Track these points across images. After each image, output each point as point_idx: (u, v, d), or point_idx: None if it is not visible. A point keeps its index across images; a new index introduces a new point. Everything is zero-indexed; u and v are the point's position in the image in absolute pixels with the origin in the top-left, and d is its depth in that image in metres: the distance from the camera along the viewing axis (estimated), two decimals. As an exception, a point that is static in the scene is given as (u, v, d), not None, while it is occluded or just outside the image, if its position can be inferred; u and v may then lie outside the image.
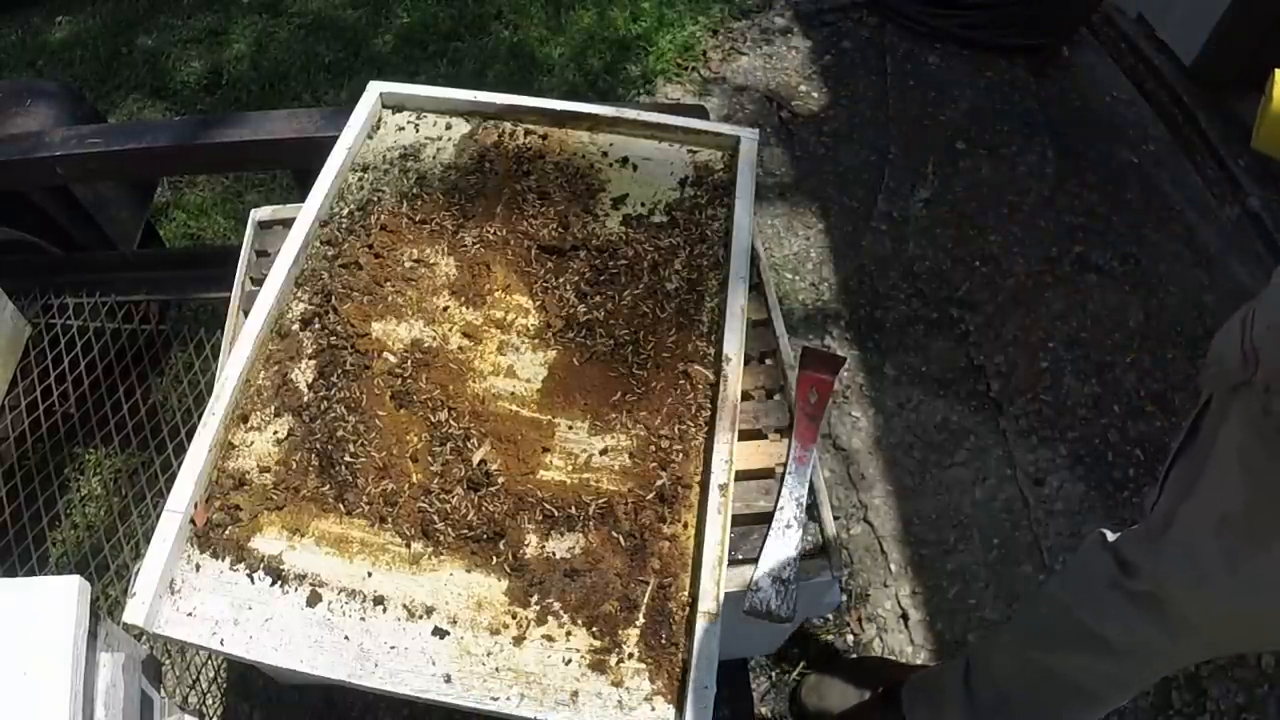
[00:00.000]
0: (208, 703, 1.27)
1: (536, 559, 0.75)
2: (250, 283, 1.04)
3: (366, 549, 0.76)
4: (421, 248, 0.94)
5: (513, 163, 1.02)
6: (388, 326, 0.88)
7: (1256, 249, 1.93)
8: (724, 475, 0.79)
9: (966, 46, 2.34)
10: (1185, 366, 1.77)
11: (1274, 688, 1.40)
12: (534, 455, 0.81)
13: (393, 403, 0.83)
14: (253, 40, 2.51)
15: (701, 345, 0.88)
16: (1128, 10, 2.35)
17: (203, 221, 2.09)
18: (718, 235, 0.96)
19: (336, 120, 1.06)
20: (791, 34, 2.45)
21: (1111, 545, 0.89)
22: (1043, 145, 2.15)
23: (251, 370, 0.85)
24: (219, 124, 1.24)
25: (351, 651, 0.71)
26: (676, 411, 0.84)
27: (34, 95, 1.47)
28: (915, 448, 1.69)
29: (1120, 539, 0.89)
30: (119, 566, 1.17)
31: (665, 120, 1.03)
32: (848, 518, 1.60)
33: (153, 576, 0.72)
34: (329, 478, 0.79)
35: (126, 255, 1.49)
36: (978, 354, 1.80)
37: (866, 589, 1.53)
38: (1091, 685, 0.97)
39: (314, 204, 0.94)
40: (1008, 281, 1.91)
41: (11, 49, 2.51)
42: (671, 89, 2.33)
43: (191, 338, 1.36)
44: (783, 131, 2.22)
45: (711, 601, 0.72)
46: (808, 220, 2.04)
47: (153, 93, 2.39)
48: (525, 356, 0.87)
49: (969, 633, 1.48)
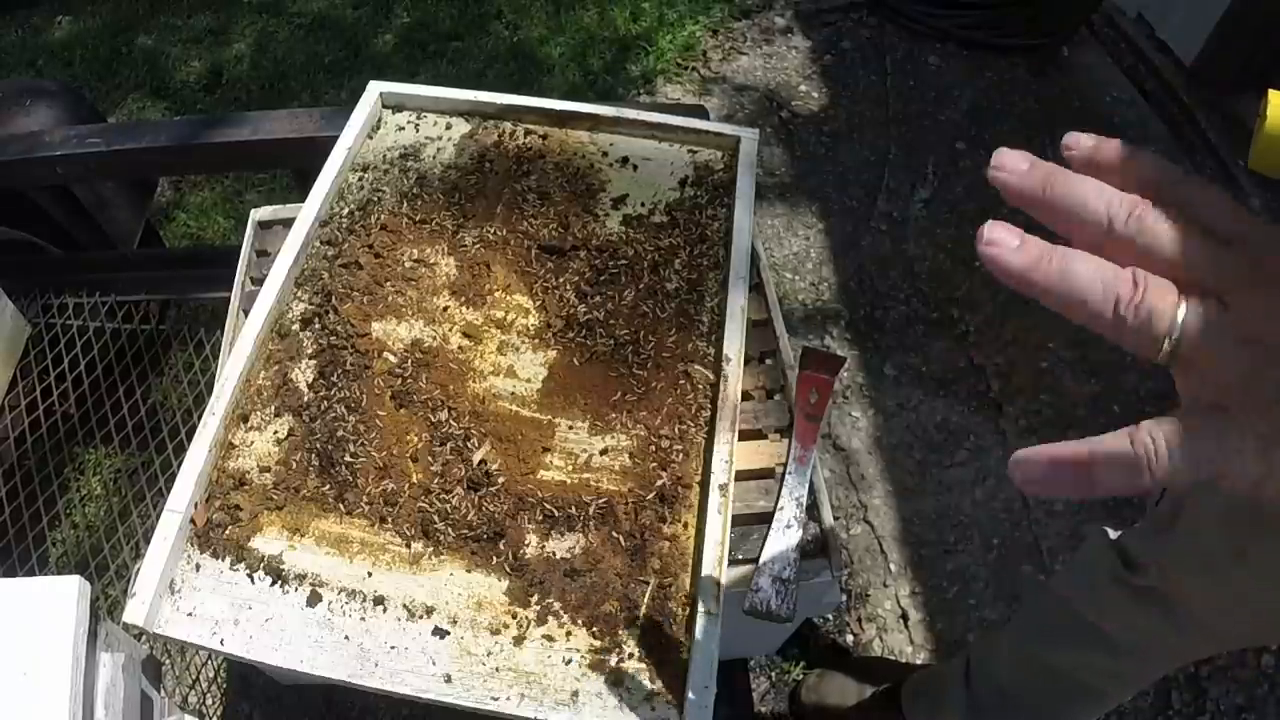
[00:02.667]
0: (208, 703, 1.27)
1: (536, 559, 0.75)
2: (250, 283, 1.04)
3: (366, 549, 0.76)
4: (421, 247, 0.94)
5: (513, 163, 1.02)
6: (388, 326, 0.88)
7: (1256, 249, 1.93)
8: (724, 475, 0.79)
9: (966, 46, 2.34)
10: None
11: (1274, 688, 1.40)
12: (534, 455, 0.81)
13: (393, 403, 0.83)
14: (253, 40, 2.51)
15: (702, 345, 0.88)
16: (1128, 10, 2.35)
17: (203, 221, 2.09)
18: (718, 235, 0.96)
19: (336, 120, 1.06)
20: (791, 34, 2.45)
21: (1114, 542, 0.89)
22: (1043, 145, 2.15)
23: (251, 370, 0.85)
24: (219, 124, 1.24)
25: (351, 651, 0.71)
26: (677, 411, 0.84)
27: (34, 95, 1.47)
28: (915, 448, 1.69)
29: (1124, 535, 0.89)
30: (119, 566, 1.17)
31: (665, 120, 1.03)
32: (848, 518, 1.60)
33: (153, 576, 0.72)
34: (329, 478, 0.79)
35: (126, 255, 1.49)
36: (978, 354, 1.80)
37: (866, 589, 1.53)
38: (1093, 682, 0.97)
39: (314, 204, 0.94)
40: (1008, 281, 1.91)
41: (11, 49, 2.51)
42: (671, 89, 2.33)
43: (191, 338, 1.36)
44: (783, 131, 2.22)
45: (711, 601, 0.72)
46: (808, 220, 2.04)
47: (153, 93, 2.39)
48: (525, 356, 0.87)
49: (969, 633, 1.48)
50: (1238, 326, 0.32)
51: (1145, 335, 0.32)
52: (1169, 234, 0.33)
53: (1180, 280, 0.33)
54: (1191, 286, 0.33)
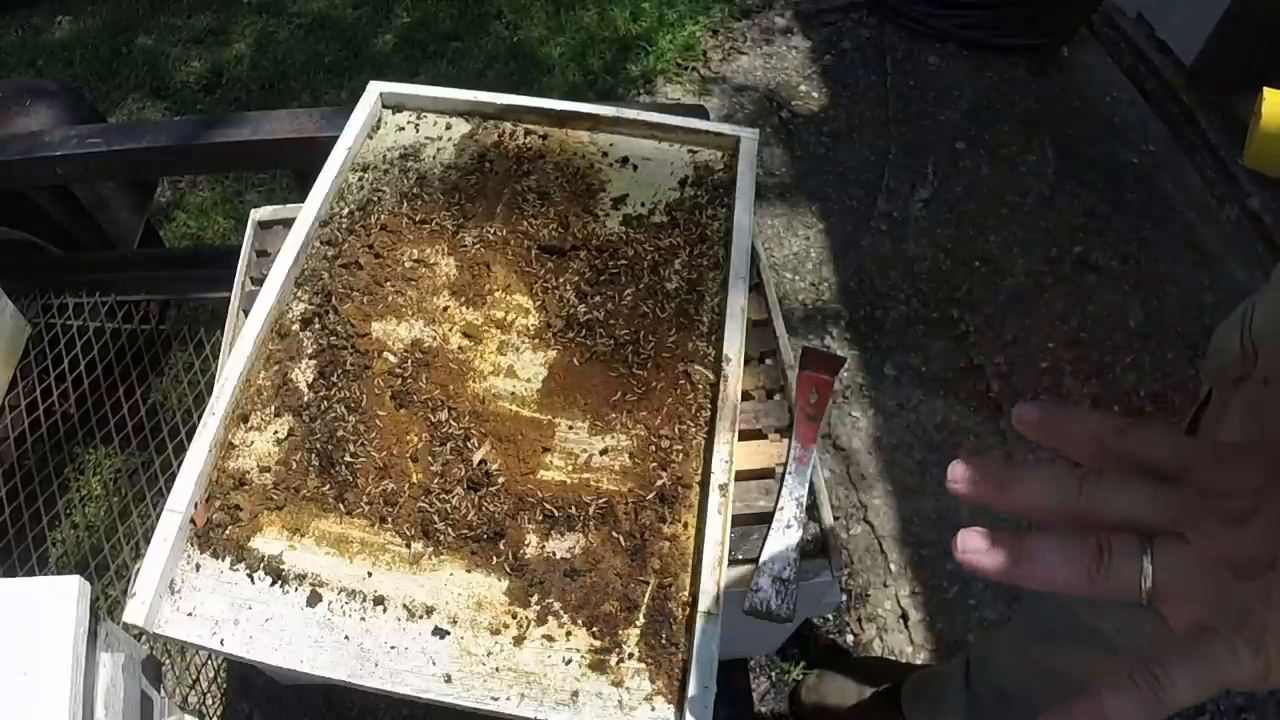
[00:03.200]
0: (208, 703, 1.27)
1: (536, 559, 0.75)
2: (250, 283, 1.04)
3: (366, 549, 0.76)
4: (421, 248, 0.94)
5: (513, 163, 1.01)
6: (388, 326, 0.88)
7: (1256, 249, 1.94)
8: (724, 475, 0.79)
9: (966, 46, 2.34)
10: (1185, 366, 1.77)
11: (1274, 689, 1.40)
12: (534, 455, 0.81)
13: (393, 403, 0.83)
14: (253, 40, 2.51)
15: (702, 345, 0.88)
16: (1128, 10, 2.35)
17: (203, 221, 2.09)
18: (718, 235, 0.96)
19: (336, 120, 1.06)
20: (791, 34, 2.45)
21: None
22: (1043, 145, 2.15)
23: (251, 370, 0.85)
24: (219, 124, 1.24)
25: (351, 651, 0.71)
26: (676, 411, 0.84)
27: (34, 95, 1.47)
28: (915, 448, 1.69)
29: None
30: (119, 566, 1.17)
31: (665, 120, 1.03)
32: (848, 518, 1.60)
33: (153, 576, 0.72)
34: (329, 478, 0.79)
35: (126, 255, 1.49)
36: (978, 354, 1.80)
37: (866, 589, 1.53)
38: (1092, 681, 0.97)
39: (314, 204, 0.94)
40: (1008, 281, 1.91)
41: (11, 49, 2.52)
42: (671, 89, 2.33)
43: (191, 338, 1.36)
44: (783, 131, 2.22)
45: (711, 601, 0.72)
46: (808, 220, 2.04)
47: (153, 93, 2.39)
48: (525, 356, 0.87)
49: (969, 633, 1.48)
50: (1198, 557, 0.36)
51: (1121, 589, 0.36)
52: (1119, 495, 0.37)
53: (1141, 526, 0.37)
54: (1152, 527, 0.37)
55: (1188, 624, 0.37)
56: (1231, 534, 0.35)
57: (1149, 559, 0.36)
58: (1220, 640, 0.35)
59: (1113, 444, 0.38)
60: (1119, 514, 0.37)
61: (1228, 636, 0.35)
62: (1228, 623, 0.35)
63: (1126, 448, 0.38)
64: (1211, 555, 0.35)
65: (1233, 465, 0.37)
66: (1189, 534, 0.36)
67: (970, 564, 0.37)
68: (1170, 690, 0.35)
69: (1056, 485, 0.38)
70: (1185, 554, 0.36)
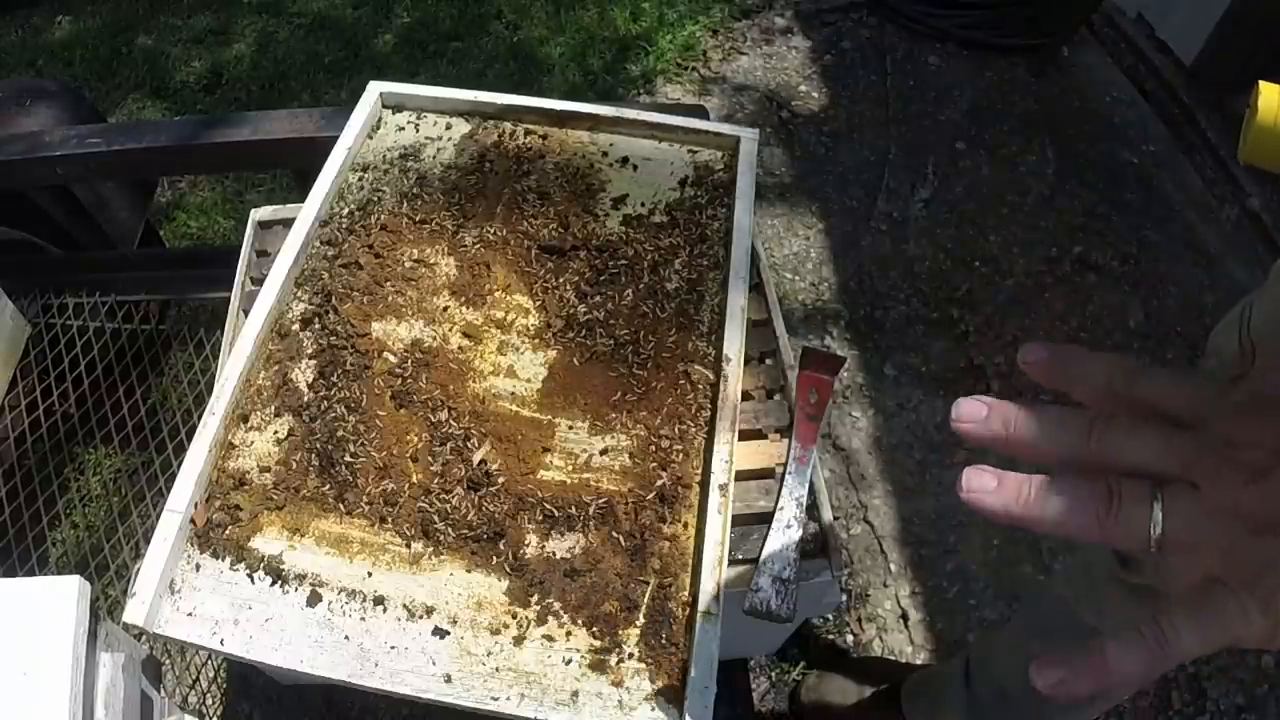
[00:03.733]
0: (208, 703, 1.27)
1: (536, 559, 0.75)
2: (250, 283, 1.04)
3: (366, 549, 0.76)
4: (421, 248, 0.94)
5: (513, 163, 1.02)
6: (388, 326, 0.88)
7: (1256, 249, 1.94)
8: (724, 475, 0.79)
9: (966, 46, 2.35)
10: (1185, 366, 1.77)
11: (1274, 688, 1.40)
12: (534, 455, 0.81)
13: (393, 403, 0.83)
14: (253, 40, 2.51)
15: (701, 345, 0.88)
16: (1128, 10, 2.35)
17: (203, 221, 2.09)
18: (718, 235, 0.96)
19: (336, 120, 1.06)
20: (791, 34, 2.45)
21: None
22: (1043, 145, 2.15)
23: (251, 370, 0.85)
24: (219, 124, 1.24)
25: (351, 651, 0.71)
26: (676, 411, 0.84)
27: (34, 95, 1.47)
28: (915, 448, 1.69)
29: None
30: (119, 566, 1.18)
31: (665, 120, 1.03)
32: (848, 518, 1.60)
33: (153, 576, 0.72)
34: (329, 478, 0.79)
35: (126, 255, 1.49)
36: (978, 354, 1.80)
37: (866, 589, 1.53)
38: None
39: (314, 204, 0.94)
40: (1008, 281, 1.91)
41: (11, 49, 2.52)
42: (671, 89, 2.33)
43: (191, 338, 1.36)
44: (783, 131, 2.22)
45: (711, 601, 0.72)
46: (808, 220, 2.04)
47: (153, 93, 2.39)
48: (525, 356, 0.87)
49: (969, 633, 1.48)
50: (1212, 507, 0.34)
51: (1131, 536, 0.35)
52: (1130, 441, 0.36)
53: (1152, 473, 0.35)
54: (1164, 475, 0.35)
55: (1197, 577, 0.36)
56: (1248, 488, 0.33)
57: (1159, 506, 0.35)
58: (1230, 595, 0.34)
59: (1123, 388, 0.37)
60: (1130, 460, 0.36)
61: (1238, 592, 0.34)
62: (1239, 578, 0.34)
63: (1138, 392, 0.37)
64: (1227, 506, 0.34)
65: (1253, 419, 0.35)
66: (1202, 483, 0.35)
67: (976, 504, 0.36)
68: (1176, 643, 0.34)
69: (1066, 428, 0.36)
70: (1198, 503, 0.34)
